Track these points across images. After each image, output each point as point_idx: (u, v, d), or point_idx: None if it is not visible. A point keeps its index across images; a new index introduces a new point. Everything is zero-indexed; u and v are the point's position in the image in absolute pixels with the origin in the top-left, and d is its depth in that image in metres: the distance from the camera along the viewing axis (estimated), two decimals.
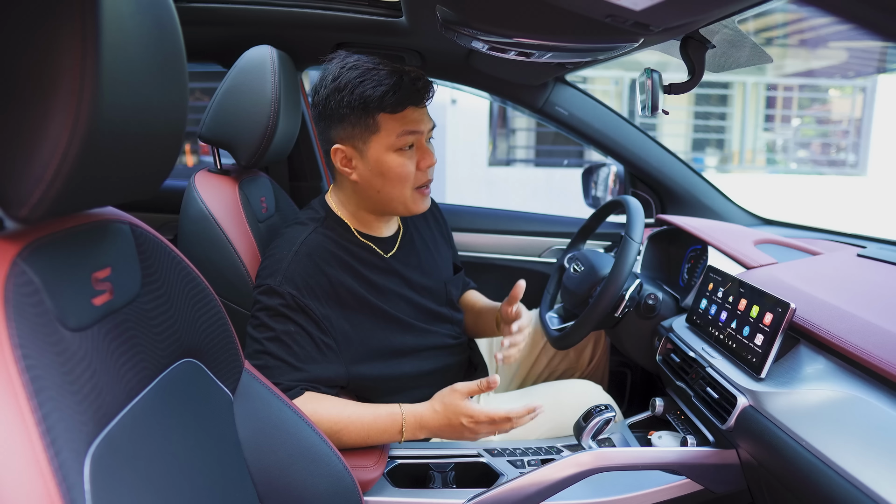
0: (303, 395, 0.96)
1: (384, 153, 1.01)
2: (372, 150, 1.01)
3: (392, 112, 0.98)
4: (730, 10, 0.75)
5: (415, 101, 0.99)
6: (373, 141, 1.00)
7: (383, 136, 1.00)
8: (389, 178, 1.02)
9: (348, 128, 1.01)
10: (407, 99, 0.98)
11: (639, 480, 0.97)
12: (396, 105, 0.97)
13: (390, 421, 0.98)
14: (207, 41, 1.47)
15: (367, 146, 1.01)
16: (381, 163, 1.01)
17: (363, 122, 0.99)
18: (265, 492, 0.76)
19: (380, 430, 0.97)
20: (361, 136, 1.00)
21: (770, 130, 8.05)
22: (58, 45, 0.41)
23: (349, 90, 0.97)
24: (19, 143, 0.43)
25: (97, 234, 0.55)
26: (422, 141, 1.04)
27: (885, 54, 6.87)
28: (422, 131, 1.02)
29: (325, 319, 1.00)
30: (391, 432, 0.98)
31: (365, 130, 1.00)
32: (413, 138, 1.01)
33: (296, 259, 1.00)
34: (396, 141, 1.00)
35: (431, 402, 1.00)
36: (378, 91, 0.96)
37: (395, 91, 0.96)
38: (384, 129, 0.99)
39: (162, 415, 0.59)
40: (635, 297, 1.24)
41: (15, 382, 0.41)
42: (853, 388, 0.76)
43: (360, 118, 0.99)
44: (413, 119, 1.00)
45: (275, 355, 0.96)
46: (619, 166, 1.80)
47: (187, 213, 1.14)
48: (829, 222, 1.63)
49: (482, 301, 1.37)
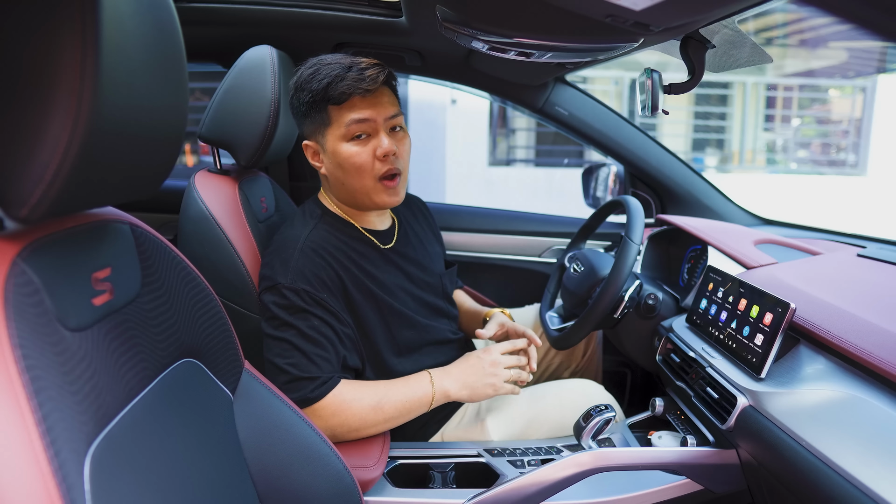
0: (339, 384, 0.98)
1: (338, 144, 1.03)
2: (328, 143, 1.04)
3: (338, 103, 1.00)
4: (730, 10, 0.75)
5: (359, 91, 0.99)
6: (328, 134, 1.03)
7: (334, 127, 1.02)
8: (346, 169, 1.04)
9: (310, 124, 1.05)
10: (350, 88, 0.98)
11: (639, 480, 0.97)
12: (340, 95, 0.99)
13: (418, 378, 1.05)
14: (207, 41, 1.47)
15: (325, 139, 1.04)
16: (336, 154, 1.03)
17: (318, 117, 1.02)
18: (265, 492, 0.76)
19: (412, 389, 1.03)
20: (319, 130, 1.04)
21: (770, 130, 8.04)
22: (58, 45, 0.41)
23: (304, 87, 1.01)
24: (19, 143, 0.43)
25: (97, 234, 0.55)
26: (378, 129, 1.02)
27: (885, 54, 6.87)
28: (373, 119, 1.01)
29: (340, 311, 1.01)
30: (422, 387, 1.04)
31: (321, 124, 1.03)
32: (364, 127, 1.01)
33: (302, 255, 1.00)
34: (346, 131, 1.01)
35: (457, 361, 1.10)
36: (322, 84, 0.98)
37: (337, 82, 0.98)
38: (334, 121, 1.02)
39: (162, 415, 0.59)
40: (635, 297, 1.24)
41: (15, 382, 0.41)
42: (853, 388, 0.76)
43: (315, 112, 1.02)
44: (360, 108, 1.00)
45: (306, 352, 0.96)
46: (619, 166, 1.80)
47: (187, 213, 1.14)
48: (829, 222, 1.63)
49: (468, 303, 1.39)
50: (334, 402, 0.96)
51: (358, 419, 0.98)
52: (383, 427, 1.01)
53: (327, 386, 0.96)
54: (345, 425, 0.97)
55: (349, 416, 0.97)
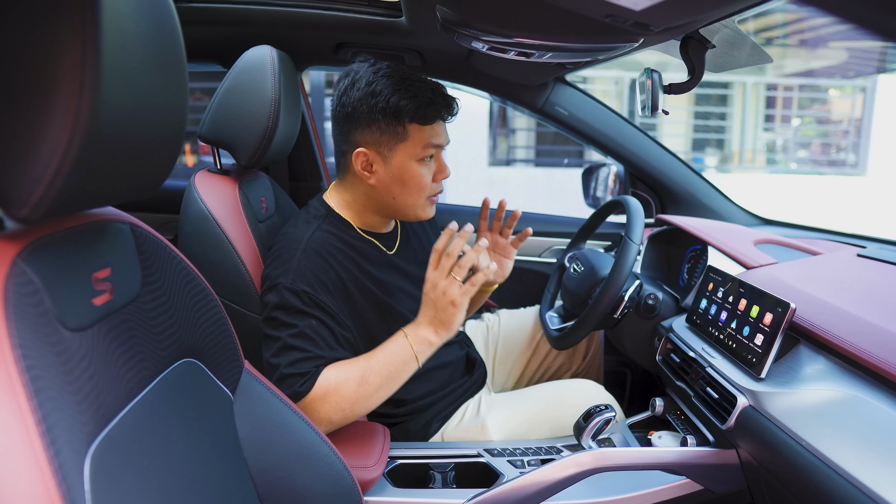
0: (323, 372, 0.96)
1: (408, 161, 1.04)
2: (397, 158, 1.04)
3: (422, 123, 1.02)
4: (730, 10, 0.75)
5: (444, 116, 1.05)
6: (399, 149, 1.03)
7: (410, 145, 1.03)
8: (408, 186, 1.05)
9: (376, 133, 1.03)
10: (438, 113, 1.02)
11: (639, 480, 0.97)
12: (428, 117, 1.02)
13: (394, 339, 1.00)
14: (207, 41, 1.47)
15: (393, 153, 1.04)
16: (403, 170, 1.04)
17: (392, 130, 1.02)
18: (265, 492, 0.76)
19: (390, 351, 0.99)
20: (388, 143, 1.03)
21: (770, 130, 8.05)
22: (58, 45, 0.41)
23: (384, 97, 1.00)
24: (19, 143, 0.43)
25: (97, 234, 0.55)
26: (440, 154, 1.09)
27: (885, 54, 6.87)
28: (443, 144, 1.07)
29: (340, 314, 1.01)
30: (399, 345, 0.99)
31: (393, 138, 1.02)
32: (435, 150, 1.06)
33: (304, 256, 1.00)
34: (421, 151, 1.04)
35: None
36: (414, 102, 1.00)
37: (429, 104, 1.01)
38: (412, 139, 1.03)
39: (162, 415, 0.59)
40: (635, 297, 1.24)
41: (15, 382, 0.41)
42: (853, 388, 0.76)
43: (390, 125, 1.01)
44: (438, 132, 1.05)
45: (301, 348, 0.96)
46: (619, 166, 1.80)
47: (187, 213, 1.14)
48: (829, 222, 1.63)
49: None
50: (321, 389, 0.94)
51: (349, 399, 0.96)
52: (376, 398, 0.98)
53: (312, 376, 0.95)
54: (338, 409, 0.96)
55: (339, 399, 0.95)
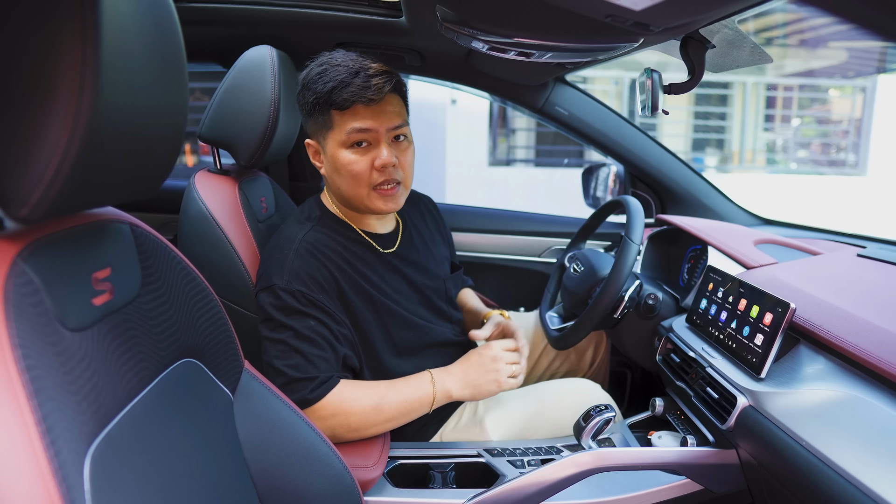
0: (339, 385, 0.98)
1: (337, 149, 1.02)
2: (328, 146, 1.03)
3: (341, 109, 0.99)
4: (730, 10, 0.75)
5: (363, 99, 0.97)
6: (329, 137, 1.02)
7: (335, 132, 1.01)
8: (343, 175, 1.03)
9: (313, 123, 1.04)
10: (353, 96, 0.96)
11: (639, 480, 0.97)
12: (344, 102, 0.97)
13: (419, 378, 1.05)
14: (207, 41, 1.47)
15: (326, 142, 1.03)
16: (335, 159, 1.03)
17: (321, 119, 1.02)
18: (265, 491, 0.76)
19: (412, 389, 1.03)
20: (321, 132, 1.04)
21: (770, 130, 8.04)
22: (58, 45, 0.41)
23: (310, 86, 1.00)
24: (19, 143, 0.43)
25: (97, 234, 0.55)
26: (379, 139, 1.01)
27: (885, 54, 6.87)
28: (374, 129, 1.00)
29: (336, 312, 1.01)
30: (423, 387, 1.03)
31: (323, 126, 1.02)
32: (364, 136, 1.00)
33: (298, 256, 1.00)
34: (346, 138, 1.00)
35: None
36: (327, 87, 0.97)
37: (342, 87, 0.96)
38: (336, 126, 1.01)
39: (162, 415, 0.59)
40: (635, 297, 1.24)
41: (15, 382, 0.41)
42: (853, 388, 0.76)
43: (319, 114, 1.01)
44: (363, 117, 0.99)
45: (303, 352, 0.96)
46: (619, 166, 1.79)
47: (187, 213, 1.14)
48: (829, 222, 1.63)
49: (471, 302, 1.38)
50: (333, 402, 0.96)
51: (358, 419, 0.97)
52: (384, 427, 1.01)
53: (326, 386, 0.96)
54: (345, 425, 0.97)
55: (349, 416, 0.97)
